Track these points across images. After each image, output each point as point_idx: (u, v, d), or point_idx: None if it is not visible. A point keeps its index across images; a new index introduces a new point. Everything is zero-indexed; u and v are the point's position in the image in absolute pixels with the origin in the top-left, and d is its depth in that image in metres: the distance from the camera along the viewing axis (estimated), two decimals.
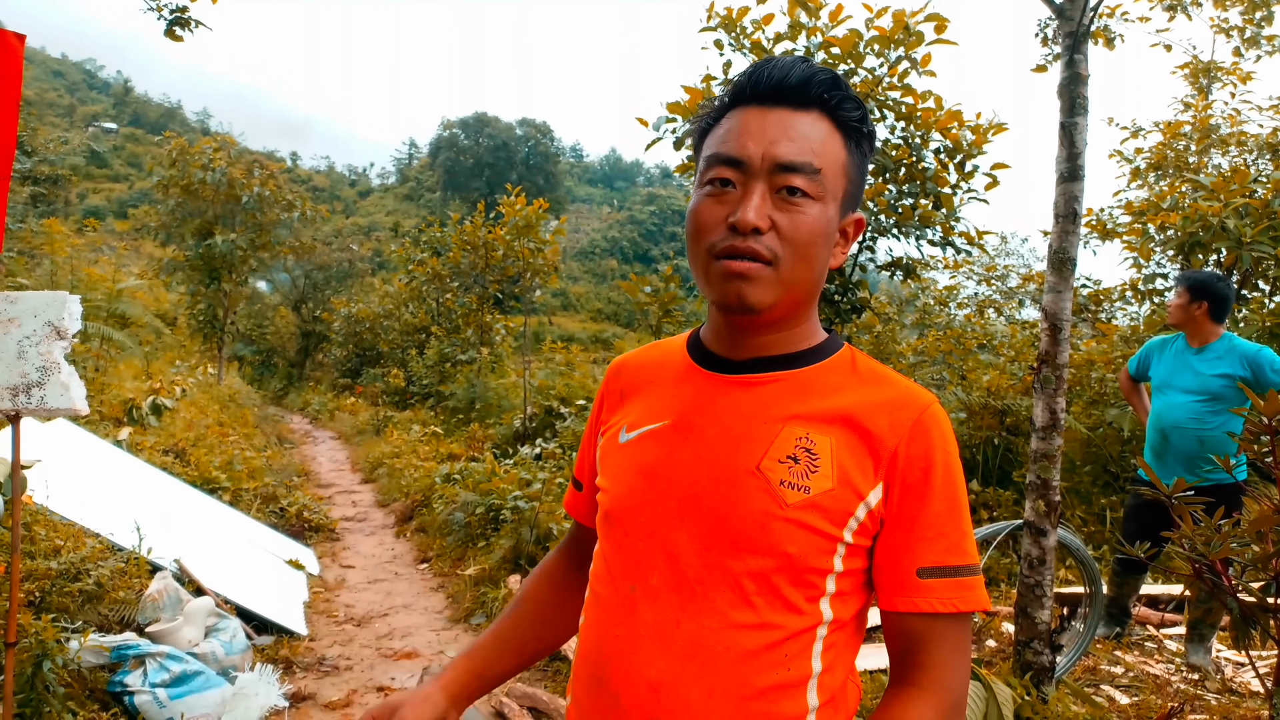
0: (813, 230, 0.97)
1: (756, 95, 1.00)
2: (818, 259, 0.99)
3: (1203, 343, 4.00)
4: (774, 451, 0.98)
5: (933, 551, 0.98)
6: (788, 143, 0.96)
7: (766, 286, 0.96)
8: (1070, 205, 3.08)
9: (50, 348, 2.51)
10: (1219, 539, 2.24)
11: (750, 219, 0.94)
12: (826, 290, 6.46)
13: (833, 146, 0.99)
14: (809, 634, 0.98)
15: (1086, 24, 3.02)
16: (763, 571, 0.96)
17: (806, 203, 0.96)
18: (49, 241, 12.81)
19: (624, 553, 1.04)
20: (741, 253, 0.96)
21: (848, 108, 1.00)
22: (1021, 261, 12.90)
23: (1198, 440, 3.88)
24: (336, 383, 22.39)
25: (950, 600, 0.98)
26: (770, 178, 0.96)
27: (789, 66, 0.99)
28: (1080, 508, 6.42)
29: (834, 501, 0.96)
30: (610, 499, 1.08)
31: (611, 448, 1.12)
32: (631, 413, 1.12)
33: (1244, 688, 3.80)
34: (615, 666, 1.01)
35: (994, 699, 2.82)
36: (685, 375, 1.09)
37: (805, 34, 5.86)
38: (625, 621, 1.01)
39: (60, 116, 70.42)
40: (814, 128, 0.98)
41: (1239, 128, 8.00)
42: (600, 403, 1.23)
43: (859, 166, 1.03)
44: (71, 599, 3.63)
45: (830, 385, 1.03)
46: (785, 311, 1.01)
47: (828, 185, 0.97)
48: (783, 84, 0.98)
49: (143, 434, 7.60)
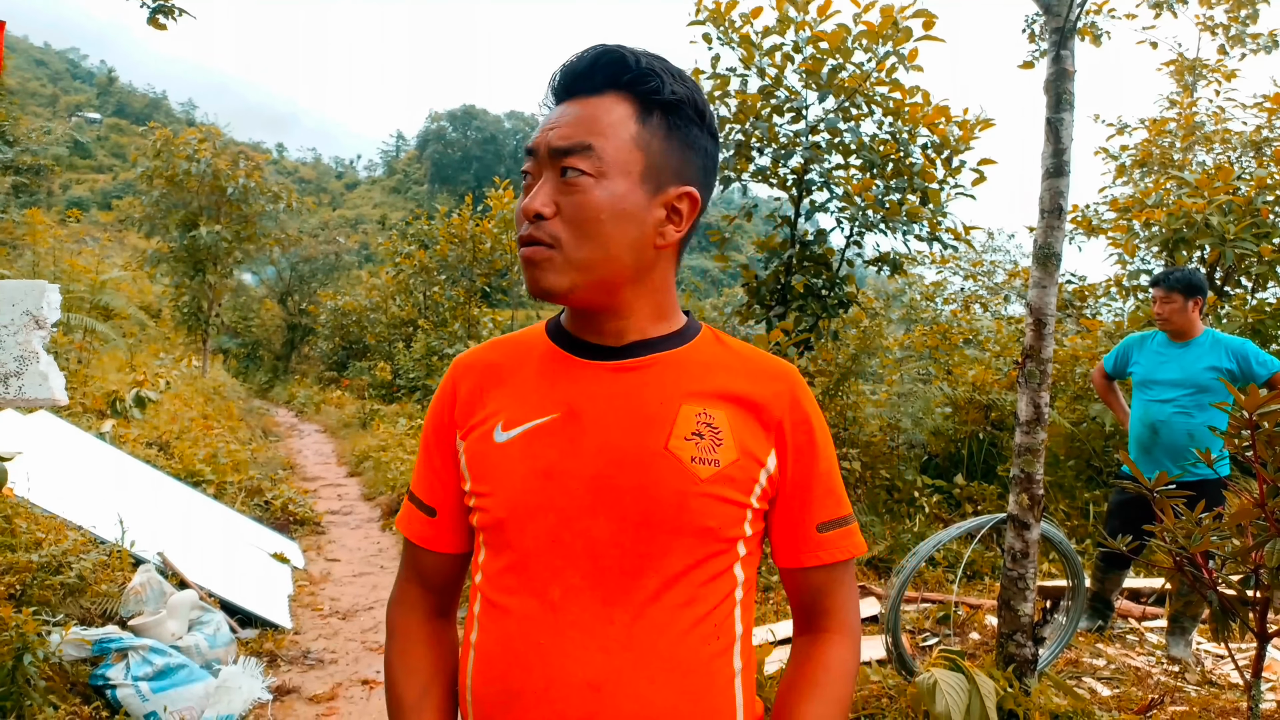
0: (592, 208, 0.96)
1: (557, 92, 1.03)
2: (608, 236, 0.97)
3: (1187, 337, 4.03)
4: (678, 430, 1.00)
5: (825, 507, 1.08)
6: (564, 127, 0.98)
7: (556, 270, 0.97)
8: (1056, 201, 3.09)
9: (29, 337, 2.48)
10: (1199, 533, 2.26)
11: (532, 206, 0.96)
12: (813, 285, 6.48)
13: (622, 123, 0.98)
14: (729, 600, 1.02)
15: (1073, 20, 3.03)
16: (686, 548, 0.98)
17: (585, 181, 0.96)
18: (31, 232, 12.70)
19: (534, 558, 1.00)
20: (528, 240, 0.98)
21: (641, 82, 0.99)
22: (1008, 257, 12.96)
23: (1186, 434, 3.91)
24: (322, 376, 22.30)
25: (845, 548, 1.09)
26: (553, 164, 0.98)
27: (579, 57, 1.01)
28: (1064, 502, 6.46)
29: (740, 471, 1.01)
30: (501, 505, 1.02)
31: (485, 450, 1.04)
32: (499, 410, 1.06)
33: (1224, 680, 3.84)
34: (543, 677, 0.97)
35: (977, 691, 2.84)
36: (560, 366, 1.06)
37: (793, 28, 5.86)
38: (548, 628, 0.98)
39: (43, 106, 69.74)
40: (601, 109, 0.98)
41: (1223, 125, 8.05)
42: (447, 405, 1.12)
43: (666, 138, 1.00)
44: (53, 592, 3.60)
45: (706, 362, 1.06)
46: (600, 294, 1.01)
47: (609, 160, 0.96)
48: (573, 74, 1.00)
49: (126, 426, 7.54)
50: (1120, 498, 4.22)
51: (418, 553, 1.15)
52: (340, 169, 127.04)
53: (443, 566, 1.15)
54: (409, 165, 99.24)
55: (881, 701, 3.32)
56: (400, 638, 1.14)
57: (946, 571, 5.39)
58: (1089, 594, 4.33)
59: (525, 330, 1.16)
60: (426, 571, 1.16)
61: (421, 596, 1.16)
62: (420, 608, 1.16)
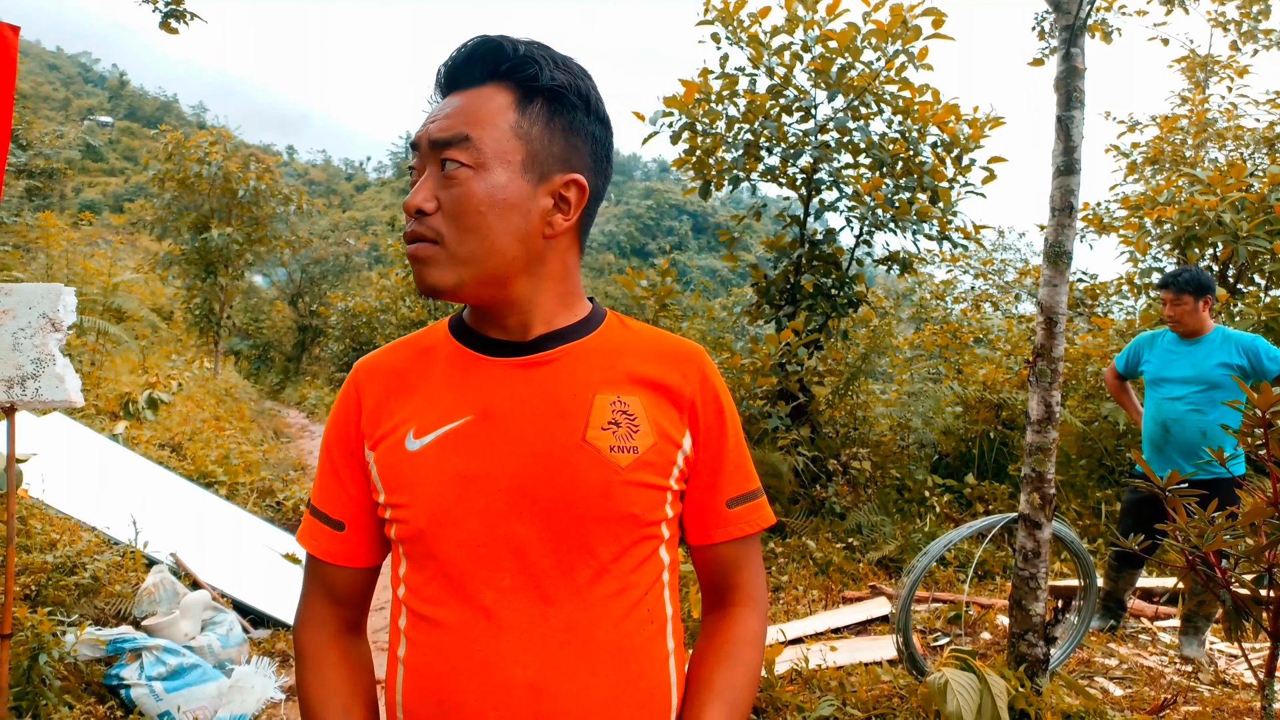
0: (470, 199, 0.94)
1: (440, 85, 1.02)
2: (490, 229, 0.95)
3: (1198, 335, 4.01)
4: (594, 420, 0.99)
5: (735, 483, 1.10)
6: (443, 120, 0.97)
7: (440, 266, 0.96)
8: (1066, 199, 3.08)
9: (45, 340, 2.50)
10: (1212, 531, 2.24)
11: (413, 201, 0.96)
12: (823, 284, 6.46)
13: (500, 113, 0.96)
14: (658, 583, 1.04)
15: (1083, 17, 3.02)
16: (613, 537, 0.98)
17: (464, 173, 0.94)
18: (44, 235, 12.79)
19: (461, 566, 0.97)
20: (412, 237, 0.97)
21: (522, 69, 0.98)
22: (1018, 256, 12.91)
23: (1199, 431, 3.89)
24: (333, 377, 22.35)
25: (754, 522, 1.11)
26: (434, 157, 0.97)
27: (463, 48, 1.00)
28: (1075, 501, 6.43)
29: (659, 455, 1.01)
30: (421, 515, 0.99)
31: (397, 459, 1.01)
32: (409, 417, 1.02)
33: (1237, 680, 3.82)
34: (478, 683, 0.95)
35: (988, 691, 2.83)
36: (467, 366, 1.03)
37: (802, 27, 5.85)
38: (483, 634, 0.96)
39: (55, 110, 70.21)
40: (480, 100, 0.97)
41: (1235, 122, 8.00)
42: (352, 415, 1.08)
43: (548, 125, 0.99)
44: (67, 592, 3.63)
45: (614, 349, 1.06)
46: (490, 288, 0.99)
47: (488, 151, 0.95)
48: (454, 67, 1.00)
49: (139, 428, 7.59)
50: (1133, 497, 4.20)
51: (325, 569, 1.10)
52: (350, 171, 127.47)
53: (353, 582, 1.10)
54: None
55: (893, 701, 3.32)
56: (313, 659, 1.09)
57: (958, 571, 5.37)
58: (1101, 593, 4.31)
59: (426, 330, 1.12)
60: (336, 588, 1.10)
61: (332, 614, 1.11)
62: (330, 625, 1.11)
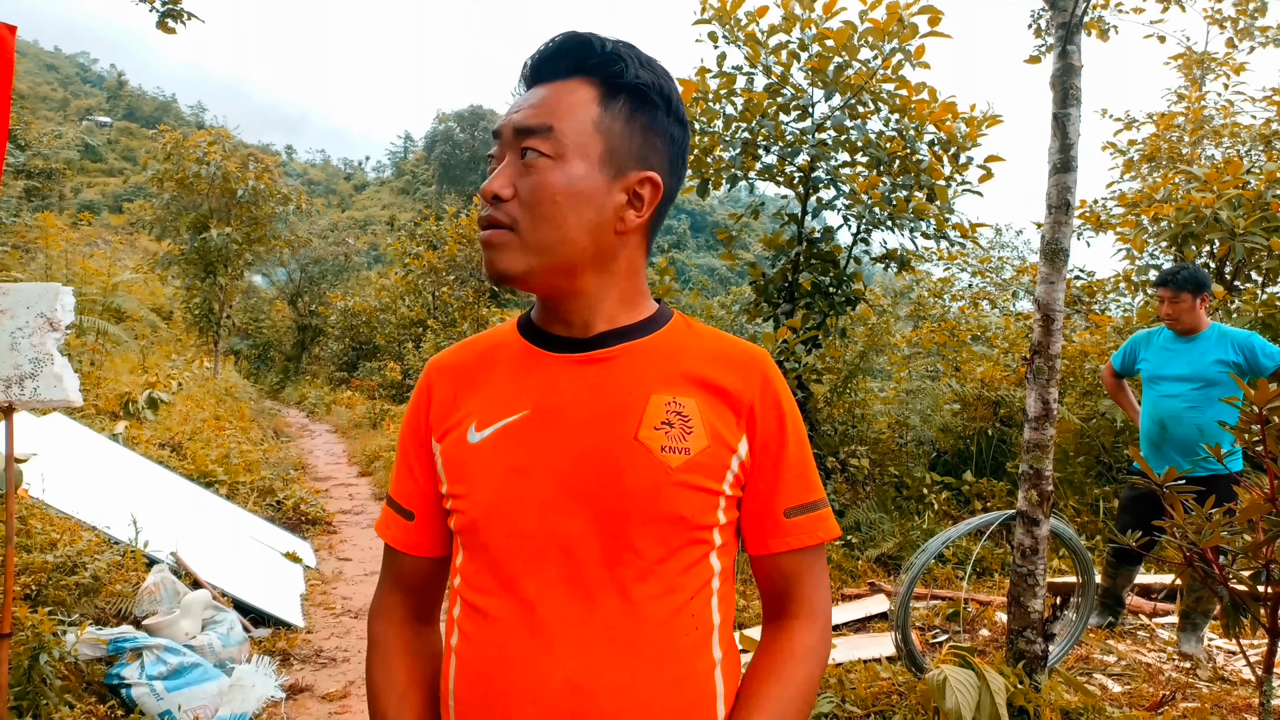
0: (549, 189, 0.96)
1: (526, 77, 1.04)
2: (564, 219, 0.96)
3: (1194, 332, 4.03)
4: (648, 420, 0.99)
5: (794, 492, 1.06)
6: (526, 109, 0.98)
7: (512, 253, 0.97)
8: (1063, 196, 3.09)
9: (43, 339, 2.51)
10: (1210, 528, 2.25)
11: (490, 187, 0.97)
12: (821, 283, 6.47)
13: (584, 106, 0.98)
14: (706, 589, 1.02)
15: (1079, 15, 3.03)
16: (661, 537, 0.98)
17: (543, 163, 0.96)
18: (43, 236, 12.79)
19: (509, 557, 0.99)
20: (487, 222, 0.98)
21: (609, 65, 0.99)
22: (1016, 253, 12.93)
23: (1196, 428, 3.91)
24: (333, 376, 22.35)
25: (814, 533, 1.07)
26: (515, 145, 0.98)
27: (548, 42, 1.01)
28: (1073, 498, 6.45)
29: (711, 458, 1.00)
30: (476, 506, 1.02)
31: (460, 451, 1.04)
32: (473, 411, 1.05)
33: (1235, 676, 3.83)
34: (523, 677, 0.96)
35: (987, 687, 2.84)
36: (529, 362, 1.05)
37: (799, 26, 5.86)
38: (527, 628, 0.97)
39: (54, 110, 70.17)
40: (565, 92, 0.99)
41: (1232, 119, 8.01)
42: (423, 409, 1.12)
43: (629, 122, 1.00)
44: (68, 592, 3.63)
45: (675, 350, 1.06)
46: (558, 278, 1.00)
47: (569, 142, 0.96)
48: (541, 59, 1.01)
49: (139, 428, 7.60)
50: (1131, 493, 4.21)
51: (397, 557, 1.15)
52: (349, 170, 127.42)
53: (422, 570, 1.14)
54: (417, 166, 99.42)
55: (892, 698, 3.33)
56: (380, 647, 1.13)
57: (956, 568, 5.39)
58: (1100, 590, 4.32)
59: (497, 328, 1.15)
60: (406, 576, 1.15)
61: (401, 602, 1.15)
62: (399, 614, 1.15)
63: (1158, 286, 4.11)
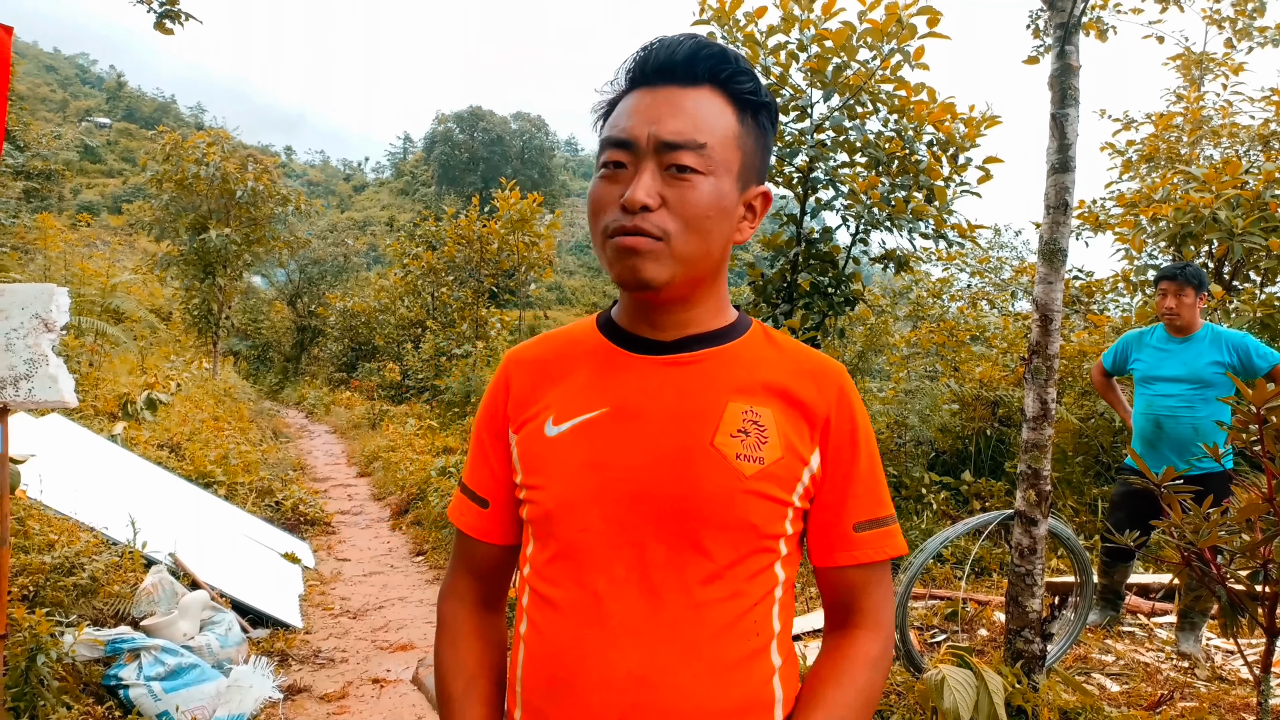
0: (702, 204, 0.97)
1: (646, 76, 1.01)
2: (711, 232, 0.98)
3: (1189, 332, 4.05)
4: (724, 427, 1.01)
5: (863, 507, 1.07)
6: (672, 120, 0.97)
7: (660, 262, 0.97)
8: (1061, 196, 3.09)
9: (38, 340, 2.51)
10: (1207, 527, 2.25)
11: (639, 197, 0.95)
12: (820, 283, 6.47)
13: (722, 120, 0.99)
14: (769, 597, 1.03)
15: (1077, 15, 3.03)
16: (730, 543, 0.99)
17: (695, 178, 0.96)
18: (42, 237, 12.79)
19: (580, 550, 1.01)
20: (631, 230, 0.97)
21: (739, 80, 1.00)
22: (1014, 254, 12.92)
23: (1191, 427, 3.94)
24: (332, 377, 22.36)
25: (882, 549, 1.08)
26: (658, 156, 0.97)
27: (675, 44, 1.00)
28: (1072, 498, 6.45)
29: (784, 469, 1.02)
30: (550, 498, 1.04)
31: (537, 443, 1.06)
32: (551, 405, 1.07)
33: (1234, 675, 3.83)
34: (588, 668, 0.98)
35: (985, 687, 2.84)
36: (610, 361, 1.07)
37: (798, 27, 5.86)
38: (594, 620, 0.99)
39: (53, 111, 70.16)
40: (702, 103, 0.98)
41: (1231, 119, 8.01)
42: (500, 400, 1.14)
43: (757, 139, 1.03)
44: (66, 593, 3.63)
45: (754, 359, 1.07)
46: (687, 288, 1.02)
47: (717, 159, 0.97)
48: (669, 62, 0.99)
49: (137, 428, 7.59)
50: (1123, 489, 4.22)
51: (469, 543, 1.17)
52: (348, 171, 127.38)
53: (493, 557, 1.17)
54: (416, 167, 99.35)
55: (890, 698, 3.33)
56: (450, 629, 1.16)
57: (954, 568, 5.39)
58: (1098, 588, 4.33)
59: (575, 325, 1.17)
60: (477, 562, 1.18)
61: (471, 587, 1.18)
62: (469, 599, 1.18)
63: (1163, 280, 4.11)
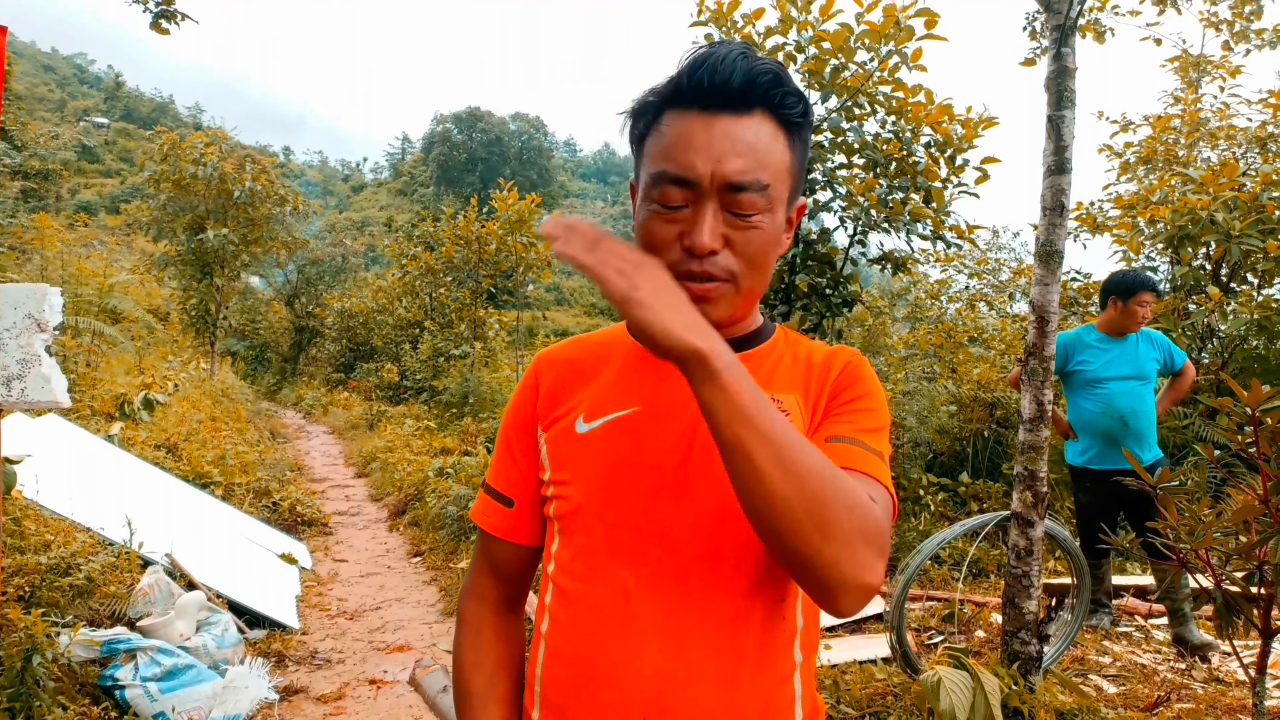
0: (766, 242, 0.97)
1: (699, 97, 0.95)
2: (771, 265, 1.01)
3: (1128, 333, 4.32)
4: None
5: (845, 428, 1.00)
6: (735, 158, 0.93)
7: (729, 302, 0.98)
8: (1057, 198, 3.09)
9: (31, 340, 2.50)
10: (1203, 528, 2.26)
11: (705, 242, 0.93)
12: (817, 284, 6.47)
13: (778, 151, 0.97)
14: (795, 592, 1.03)
15: (1073, 17, 3.03)
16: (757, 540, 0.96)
17: (759, 218, 0.95)
18: (39, 237, 12.75)
19: (609, 546, 1.01)
20: (699, 275, 0.95)
21: (790, 104, 0.97)
22: (1013, 255, 12.92)
23: (1147, 420, 4.24)
24: (330, 378, 22.36)
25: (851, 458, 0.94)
26: (720, 195, 0.94)
27: (732, 65, 0.94)
28: (1069, 499, 6.44)
29: None
30: (580, 493, 1.04)
31: (567, 440, 1.07)
32: (581, 403, 1.08)
33: (1230, 677, 3.83)
34: (613, 664, 0.98)
35: (981, 689, 2.84)
36: (642, 363, 1.08)
37: (796, 28, 5.86)
38: (620, 617, 0.99)
39: (51, 111, 70.11)
40: (759, 132, 0.95)
41: (1228, 121, 8.02)
42: (530, 398, 1.14)
43: (801, 159, 1.03)
44: (62, 593, 3.62)
45: (780, 358, 1.10)
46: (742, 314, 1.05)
47: (775, 195, 0.97)
48: (726, 86, 0.94)
49: (134, 429, 7.58)
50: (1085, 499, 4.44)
51: (493, 543, 1.17)
52: (347, 171, 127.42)
53: (517, 558, 1.17)
54: (415, 167, 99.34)
55: (887, 699, 3.33)
56: (470, 628, 1.16)
57: (951, 569, 5.39)
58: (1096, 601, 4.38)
59: (606, 329, 1.18)
60: (500, 562, 1.17)
61: (493, 587, 1.18)
62: (491, 599, 1.18)
63: (1144, 290, 4.28)
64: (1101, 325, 4.39)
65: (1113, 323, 4.32)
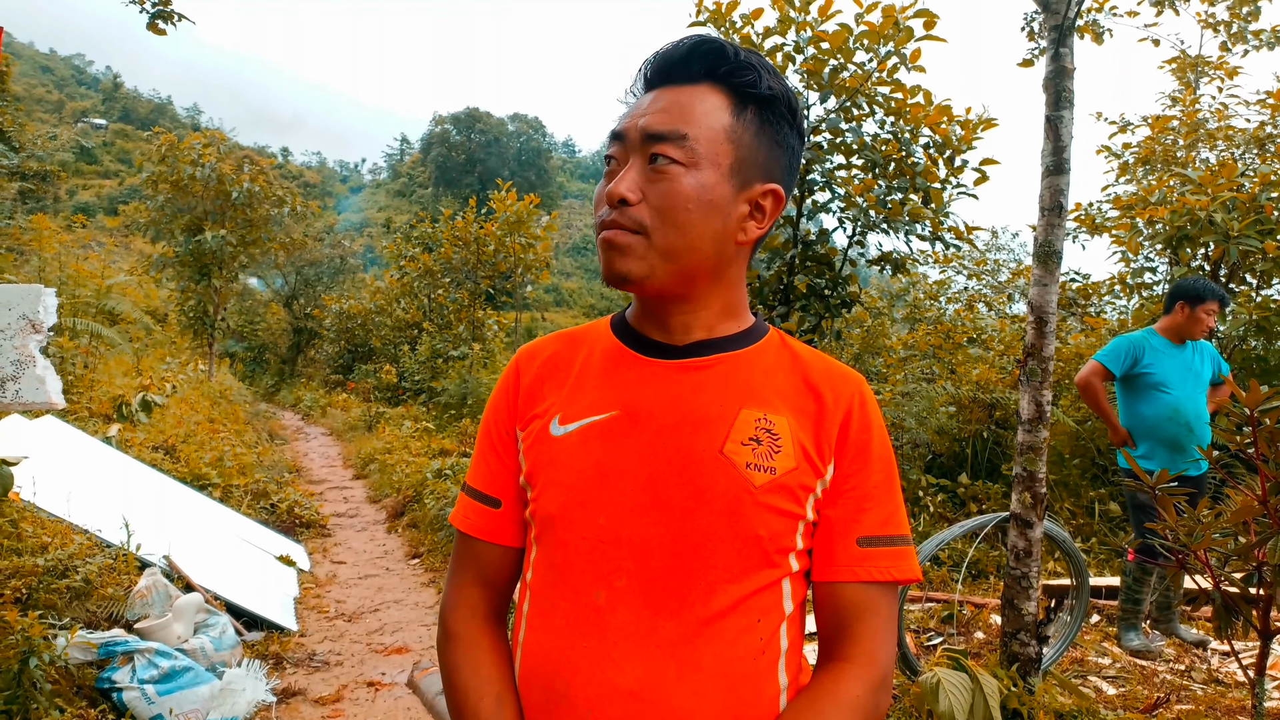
0: (680, 196, 0.94)
1: (650, 77, 1.02)
2: (693, 226, 0.95)
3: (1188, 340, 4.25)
4: (735, 434, 0.97)
5: (872, 521, 1.00)
6: (658, 113, 0.96)
7: (636, 256, 0.96)
8: (1056, 199, 3.09)
9: (25, 341, 2.49)
10: (1201, 529, 2.25)
11: (617, 190, 0.95)
12: (816, 285, 6.47)
13: (714, 114, 0.97)
14: (778, 612, 0.98)
15: (1071, 18, 3.03)
16: (736, 555, 0.95)
17: (676, 169, 0.94)
18: (37, 238, 12.75)
19: (583, 556, 0.97)
20: (610, 225, 0.97)
21: (739, 74, 0.98)
22: (1011, 256, 12.93)
23: (1207, 427, 4.17)
24: (328, 379, 22.35)
25: (888, 569, 1.00)
26: (643, 149, 0.96)
27: (681, 43, 1.00)
28: (1069, 500, 6.45)
29: (797, 480, 0.97)
30: (555, 500, 1.00)
31: (543, 442, 1.03)
32: (557, 403, 1.05)
33: (1229, 678, 3.83)
34: (583, 679, 0.95)
35: (980, 690, 2.84)
36: (621, 363, 1.04)
37: (795, 29, 5.86)
38: (593, 630, 0.95)
39: (49, 112, 70.08)
40: (696, 98, 0.97)
41: (1226, 122, 8.02)
42: (509, 394, 1.11)
43: (759, 133, 0.99)
44: (59, 596, 3.61)
45: (770, 366, 1.04)
46: (680, 285, 0.99)
47: (702, 151, 0.95)
48: (668, 61, 0.99)
49: (132, 430, 7.56)
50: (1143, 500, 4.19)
51: (478, 548, 1.10)
52: (345, 172, 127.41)
53: (505, 561, 1.11)
54: (413, 168, 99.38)
55: None
56: (465, 645, 1.07)
57: (951, 570, 5.38)
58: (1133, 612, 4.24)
59: (590, 324, 1.15)
60: (488, 568, 1.10)
61: (482, 597, 1.11)
62: (482, 611, 1.10)
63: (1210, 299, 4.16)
64: (1163, 329, 4.26)
65: (1177, 328, 4.21)
